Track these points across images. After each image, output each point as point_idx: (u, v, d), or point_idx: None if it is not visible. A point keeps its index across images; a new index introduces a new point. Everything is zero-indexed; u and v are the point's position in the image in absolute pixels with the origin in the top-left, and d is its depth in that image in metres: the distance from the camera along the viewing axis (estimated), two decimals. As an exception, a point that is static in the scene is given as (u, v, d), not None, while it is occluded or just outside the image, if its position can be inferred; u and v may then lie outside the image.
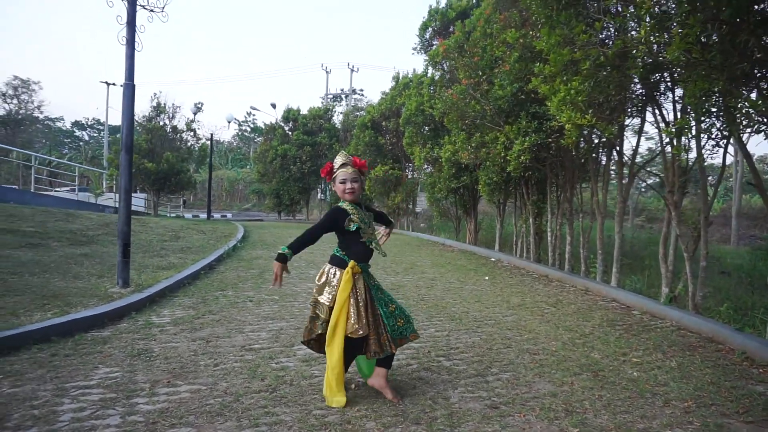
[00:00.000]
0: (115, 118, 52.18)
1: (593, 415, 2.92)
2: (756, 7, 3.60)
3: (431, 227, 18.93)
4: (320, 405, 2.93)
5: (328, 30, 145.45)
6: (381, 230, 3.43)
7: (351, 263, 3.00)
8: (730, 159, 20.67)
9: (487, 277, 8.39)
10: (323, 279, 3.07)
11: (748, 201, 28.20)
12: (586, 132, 6.79)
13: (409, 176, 20.06)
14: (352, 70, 47.61)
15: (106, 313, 4.52)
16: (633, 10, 4.12)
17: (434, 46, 12.39)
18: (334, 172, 3.13)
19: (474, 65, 8.67)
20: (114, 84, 42.28)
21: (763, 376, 3.73)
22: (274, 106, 34.29)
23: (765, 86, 4.33)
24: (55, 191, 21.48)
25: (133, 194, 11.38)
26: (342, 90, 51.13)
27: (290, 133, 26.24)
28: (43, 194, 17.20)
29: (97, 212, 14.82)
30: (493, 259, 11.16)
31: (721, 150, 6.00)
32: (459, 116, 9.15)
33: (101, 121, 51.58)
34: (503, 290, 7.21)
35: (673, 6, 3.49)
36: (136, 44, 5.45)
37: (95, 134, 58.42)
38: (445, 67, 10.71)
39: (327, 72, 47.52)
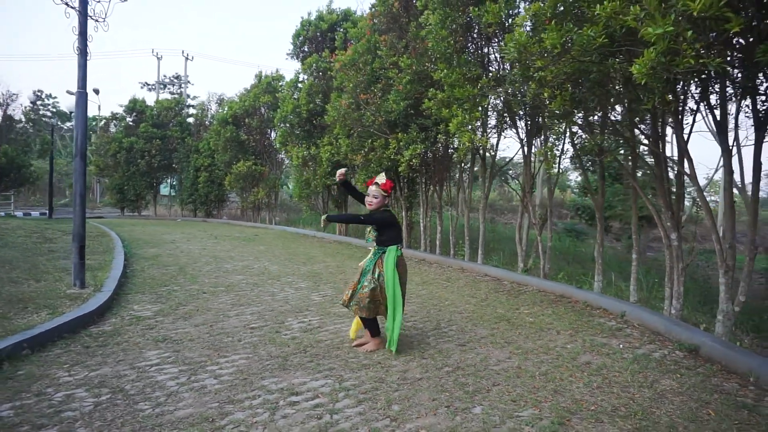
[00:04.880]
0: None
1: (523, 342, 4.50)
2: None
3: (299, 221, 19.84)
4: (348, 355, 4.02)
5: (159, 15, 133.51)
6: None
7: None
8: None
9: (380, 263, 9.84)
10: None
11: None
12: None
13: (272, 172, 20.64)
14: (187, 58, 45.46)
15: (93, 312, 4.89)
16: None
17: (312, 56, 13.40)
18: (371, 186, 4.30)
19: (365, 81, 10.00)
20: None
21: (601, 314, 5.75)
22: (70, 92, 30.42)
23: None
24: None
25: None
26: (176, 76, 48.31)
27: (132, 124, 24.69)
28: None
29: None
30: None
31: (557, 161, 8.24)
32: (352, 124, 10.40)
33: None
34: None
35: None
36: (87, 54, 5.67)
37: None
38: (334, 79, 11.83)
39: (158, 58, 44.70)
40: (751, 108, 4.62)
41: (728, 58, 2.77)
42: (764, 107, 4.54)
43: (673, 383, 3.58)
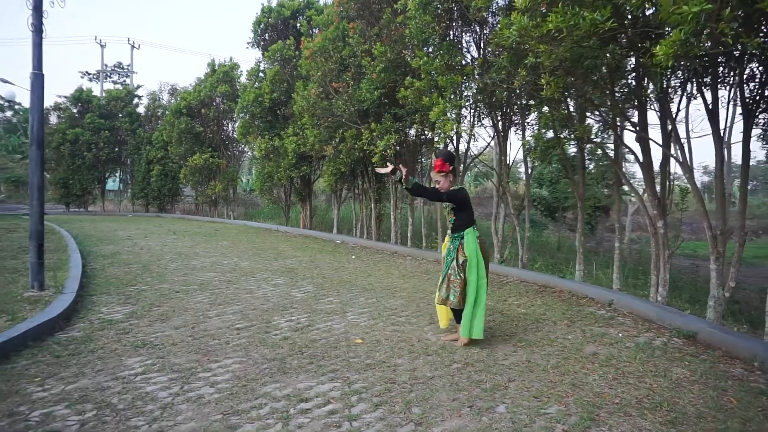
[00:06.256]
0: None
1: (524, 334, 4.39)
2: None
3: (260, 215, 19.28)
4: (348, 355, 3.79)
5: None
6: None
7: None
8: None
9: (353, 256, 9.62)
10: None
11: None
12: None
13: (230, 165, 19.94)
14: (133, 47, 43.41)
15: (59, 316, 4.43)
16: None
17: (276, 43, 12.90)
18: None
19: (336, 70, 9.69)
20: None
21: (589, 303, 5.74)
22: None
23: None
24: None
25: None
26: (120, 65, 46.07)
27: (77, 115, 23.27)
28: None
29: None
30: (338, 242, 12.43)
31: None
32: (321, 114, 10.07)
33: None
34: (377, 264, 8.54)
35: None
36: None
37: None
38: (299, 67, 11.42)
39: (101, 46, 42.53)
40: (739, 95, 4.67)
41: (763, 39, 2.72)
42: (753, 94, 4.60)
43: (684, 371, 3.54)
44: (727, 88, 4.83)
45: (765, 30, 2.99)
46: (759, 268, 13.38)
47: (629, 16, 3.77)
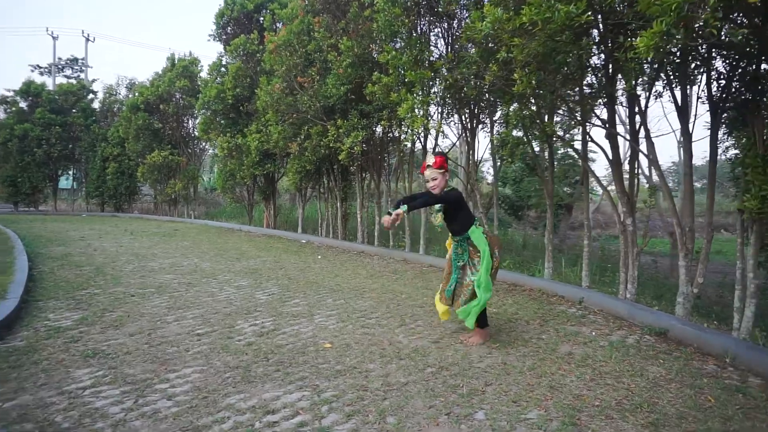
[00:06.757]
0: None
1: (497, 335, 4.29)
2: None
3: (222, 215, 18.76)
4: (317, 360, 3.59)
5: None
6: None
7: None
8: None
9: (319, 256, 9.39)
10: None
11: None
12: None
13: (190, 163, 19.32)
14: (87, 39, 41.78)
15: (0, 324, 4.07)
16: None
17: (239, 37, 12.49)
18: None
19: (301, 65, 9.42)
20: None
21: (559, 301, 5.70)
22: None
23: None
24: None
25: None
26: (73, 58, 44.23)
27: (26, 109, 22.12)
28: None
29: None
30: (303, 241, 12.16)
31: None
32: (286, 109, 9.78)
33: None
34: (344, 264, 8.35)
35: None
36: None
37: None
38: (263, 62, 11.08)
39: (54, 38, 40.84)
40: (706, 92, 4.70)
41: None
42: (720, 91, 4.63)
43: (660, 370, 3.50)
44: (690, 86, 4.85)
45: (747, 21, 2.96)
46: (712, 263, 13.84)
47: (604, 9, 3.70)
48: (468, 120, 8.04)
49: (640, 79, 5.05)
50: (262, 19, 13.53)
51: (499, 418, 2.74)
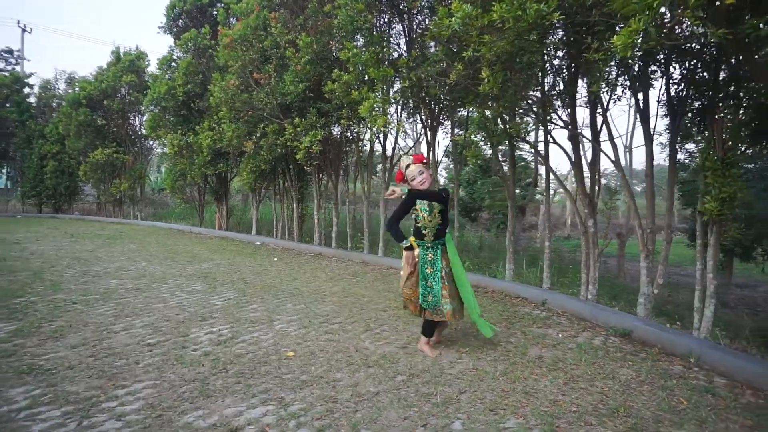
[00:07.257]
0: None
1: (465, 339, 4.19)
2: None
3: (171, 215, 18.00)
4: (280, 371, 3.38)
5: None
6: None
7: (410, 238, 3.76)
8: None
9: (276, 259, 9.09)
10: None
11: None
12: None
13: (137, 162, 18.43)
14: (24, 30, 39.34)
15: None
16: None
17: (190, 31, 11.98)
18: (405, 173, 3.70)
19: (257, 60, 9.10)
20: None
21: (522, 303, 5.70)
22: None
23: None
24: None
25: None
26: (7, 50, 41.57)
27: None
28: None
29: None
30: (258, 243, 11.79)
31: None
32: (241, 107, 9.42)
33: None
34: (302, 267, 8.11)
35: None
36: None
37: None
38: (216, 58, 10.65)
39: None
40: (665, 96, 4.79)
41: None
42: (678, 95, 4.72)
43: (630, 372, 3.49)
44: (647, 90, 4.93)
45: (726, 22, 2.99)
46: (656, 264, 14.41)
47: (574, 9, 3.68)
48: (428, 120, 7.97)
49: (602, 83, 5.09)
50: (215, 12, 13.03)
51: (477, 428, 2.62)
